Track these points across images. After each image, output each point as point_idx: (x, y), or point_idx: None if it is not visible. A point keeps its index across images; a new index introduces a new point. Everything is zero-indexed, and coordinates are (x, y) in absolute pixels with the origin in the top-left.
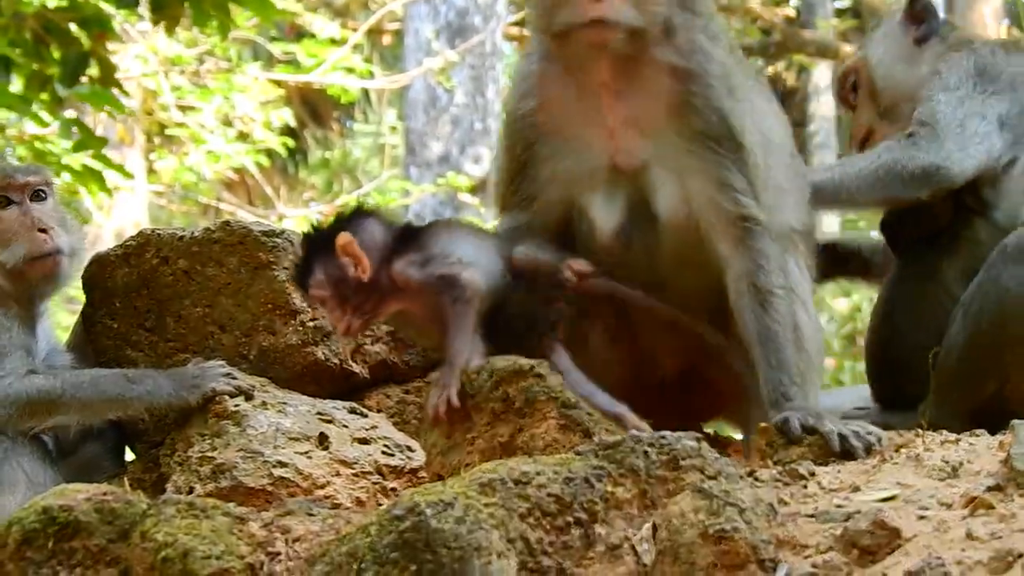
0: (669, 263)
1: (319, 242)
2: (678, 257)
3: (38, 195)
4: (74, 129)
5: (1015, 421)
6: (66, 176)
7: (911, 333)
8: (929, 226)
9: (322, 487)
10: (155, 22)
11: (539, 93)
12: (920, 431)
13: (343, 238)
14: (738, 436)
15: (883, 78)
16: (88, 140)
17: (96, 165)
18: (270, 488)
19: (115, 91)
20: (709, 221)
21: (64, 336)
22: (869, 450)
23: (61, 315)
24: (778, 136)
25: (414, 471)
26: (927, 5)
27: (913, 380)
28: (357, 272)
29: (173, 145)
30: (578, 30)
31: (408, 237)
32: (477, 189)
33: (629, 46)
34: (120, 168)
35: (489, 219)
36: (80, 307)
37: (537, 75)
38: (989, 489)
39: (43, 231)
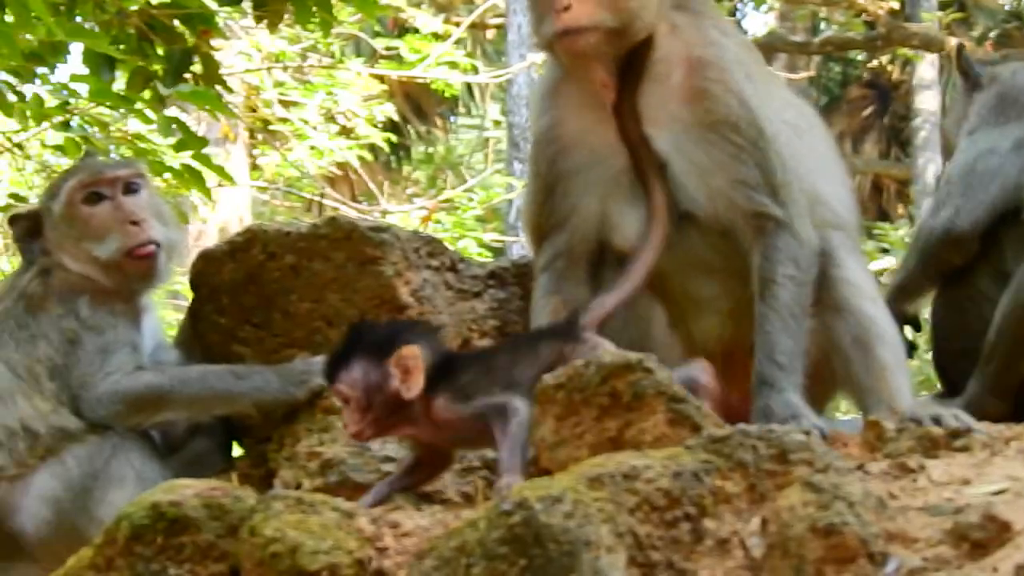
0: (698, 260)
1: (373, 341)
2: (705, 253)
3: (130, 188)
4: (175, 127)
5: None
6: (167, 176)
7: (953, 337)
8: None
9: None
10: (258, 19)
11: (553, 108)
12: None
13: (411, 351)
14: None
15: (946, 135)
16: (189, 140)
17: (196, 165)
18: (378, 483)
19: (218, 88)
20: (730, 217)
21: (171, 333)
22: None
23: (167, 312)
24: (806, 124)
25: None
26: (965, 58)
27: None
28: (402, 388)
29: (276, 141)
30: (555, 41)
31: (449, 366)
32: None
33: (617, 47)
34: (220, 170)
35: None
36: (186, 304)
37: (550, 91)
38: None
39: (136, 223)
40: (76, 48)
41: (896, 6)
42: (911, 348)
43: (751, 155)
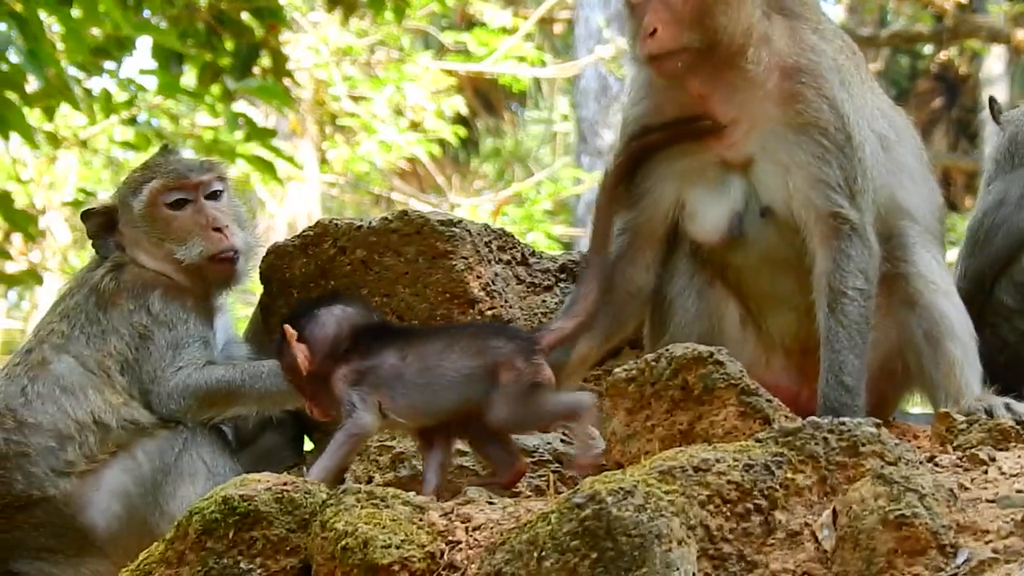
0: (776, 260)
1: (286, 322)
2: (785, 250)
3: (212, 192)
4: (241, 121)
5: None
6: (240, 164)
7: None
8: None
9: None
10: (330, 9)
11: (649, 98)
12: None
13: (287, 330)
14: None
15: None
16: (255, 133)
17: (267, 155)
18: (449, 477)
19: (286, 83)
20: (803, 215)
21: (242, 328)
22: None
23: (237, 307)
24: (898, 133)
25: None
26: (991, 104)
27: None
28: (303, 363)
29: (345, 135)
30: (647, 64)
31: (371, 340)
32: None
33: (708, 61)
34: (290, 159)
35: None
36: (256, 298)
37: (647, 82)
38: None
39: (218, 230)
40: (144, 43)
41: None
42: None
43: (835, 158)
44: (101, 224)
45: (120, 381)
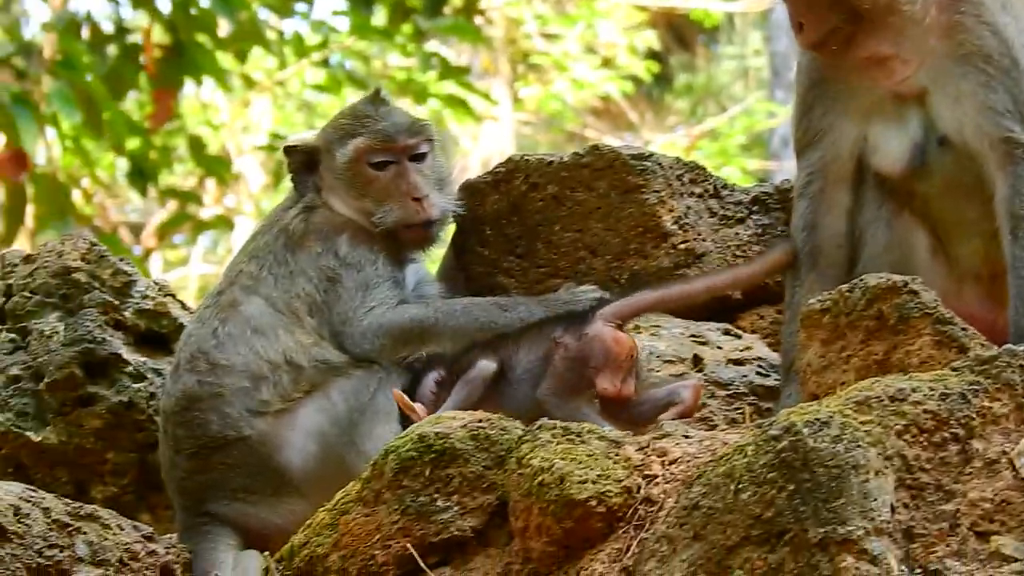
0: (959, 187)
1: None
2: (966, 178)
3: (419, 155)
4: (434, 61)
5: None
6: (433, 105)
7: None
8: None
9: (697, 409)
10: None
11: None
12: None
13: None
14: None
15: None
16: (449, 71)
17: (461, 93)
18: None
19: (477, 21)
20: (977, 143)
21: (433, 267)
22: None
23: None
24: None
25: None
26: None
27: None
28: None
29: (537, 73)
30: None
31: None
32: None
33: (865, 21)
34: (485, 95)
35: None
36: (449, 236)
37: None
38: None
39: (417, 199)
40: None
41: None
42: None
43: (1002, 83)
44: (302, 162)
45: (309, 322)
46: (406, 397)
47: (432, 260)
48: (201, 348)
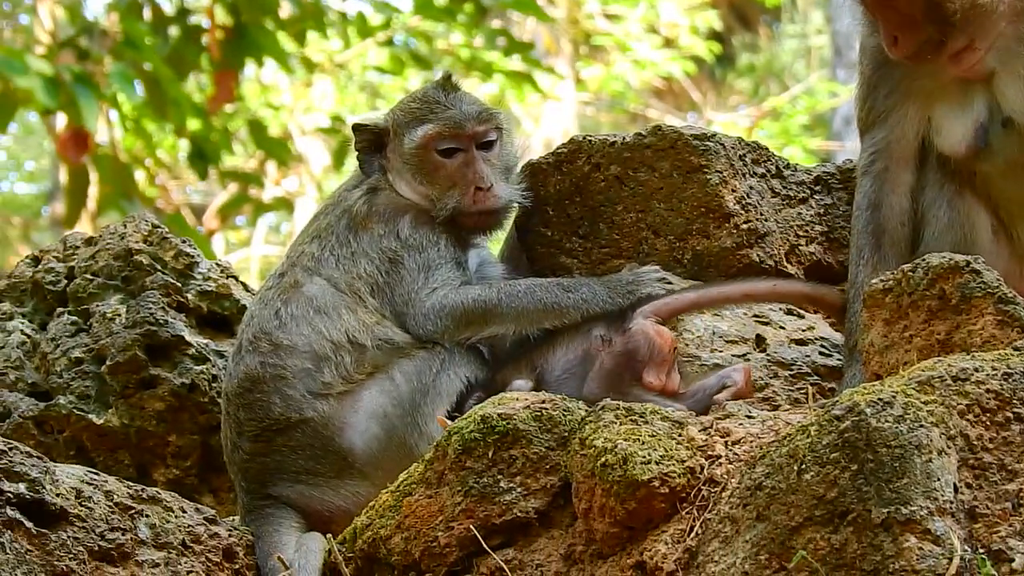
0: (1021, 168)
1: None
2: None
3: (486, 143)
4: (499, 39)
5: None
6: (498, 81)
7: None
8: None
9: (760, 389)
10: None
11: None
12: None
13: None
14: None
15: None
16: (514, 46)
17: (525, 68)
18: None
19: (540, 2)
20: None
21: (496, 248)
22: None
23: None
24: None
25: None
26: None
27: None
28: None
29: (599, 54)
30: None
31: None
32: None
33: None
34: (550, 69)
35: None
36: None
37: None
38: None
39: (482, 189)
40: None
41: None
42: None
43: None
44: (369, 142)
45: (371, 302)
46: (448, 422)
47: (495, 241)
48: (263, 329)
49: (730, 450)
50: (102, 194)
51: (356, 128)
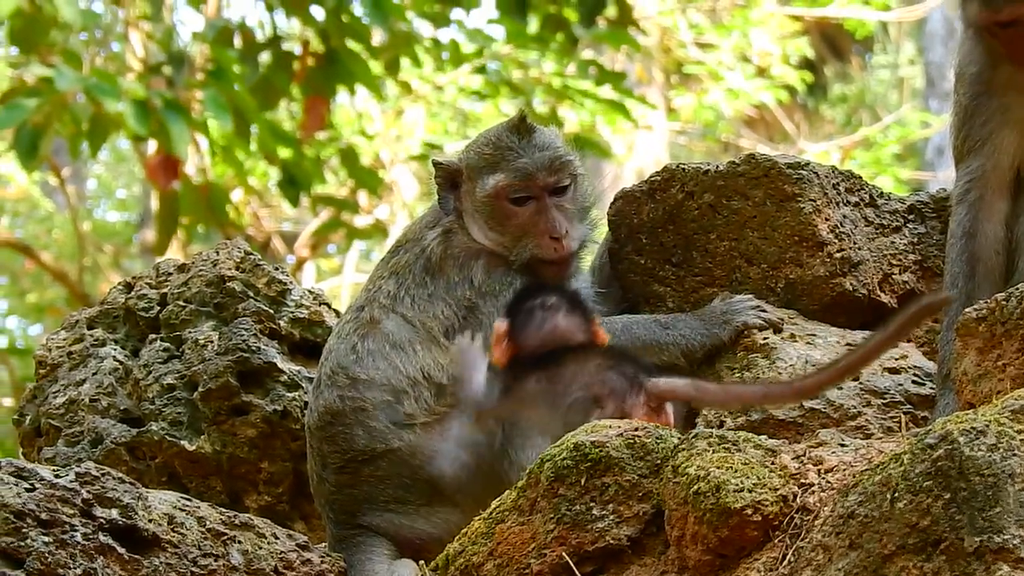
0: None
1: None
2: None
3: (560, 189)
4: (591, 69)
5: None
6: (589, 108)
7: None
8: None
9: (853, 418)
10: None
11: (980, 56)
12: None
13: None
14: None
15: None
16: (606, 76)
17: (618, 97)
18: (800, 420)
19: (632, 31)
20: None
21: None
22: None
23: None
24: None
25: None
26: None
27: None
28: None
29: (691, 83)
30: (990, 29)
31: None
32: None
33: None
34: (642, 99)
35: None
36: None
37: (978, 41)
38: None
39: (556, 238)
40: None
41: None
42: None
43: None
44: (445, 180)
45: (445, 343)
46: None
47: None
48: (341, 363)
49: (823, 478)
50: (190, 222)
51: (435, 164)
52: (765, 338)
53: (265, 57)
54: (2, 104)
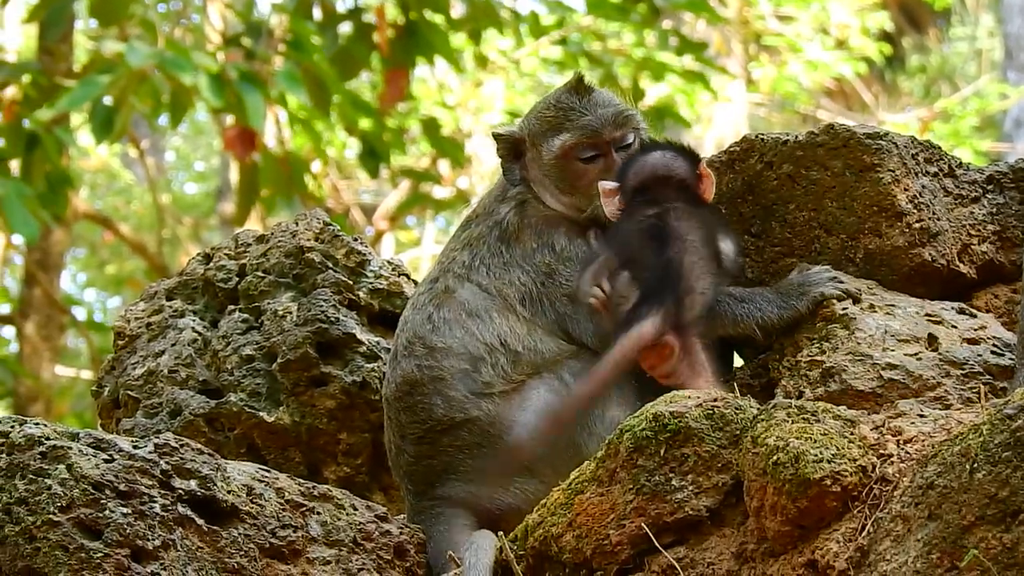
0: None
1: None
2: None
3: (626, 145)
4: (672, 39)
5: None
6: (671, 82)
7: None
8: None
9: (932, 388)
10: None
11: None
12: None
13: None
14: None
15: None
16: (687, 46)
17: (698, 68)
18: (879, 391)
19: (712, 1)
20: None
21: None
22: None
23: None
24: None
25: None
26: None
27: None
28: None
29: (771, 54)
30: None
31: None
32: None
33: None
34: (723, 69)
35: None
36: None
37: None
38: None
39: None
40: None
41: None
42: None
43: None
44: (508, 150)
45: (521, 311)
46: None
47: None
48: (417, 333)
49: (902, 449)
50: (269, 193)
51: (495, 137)
52: (844, 308)
53: (345, 28)
54: (79, 79)
